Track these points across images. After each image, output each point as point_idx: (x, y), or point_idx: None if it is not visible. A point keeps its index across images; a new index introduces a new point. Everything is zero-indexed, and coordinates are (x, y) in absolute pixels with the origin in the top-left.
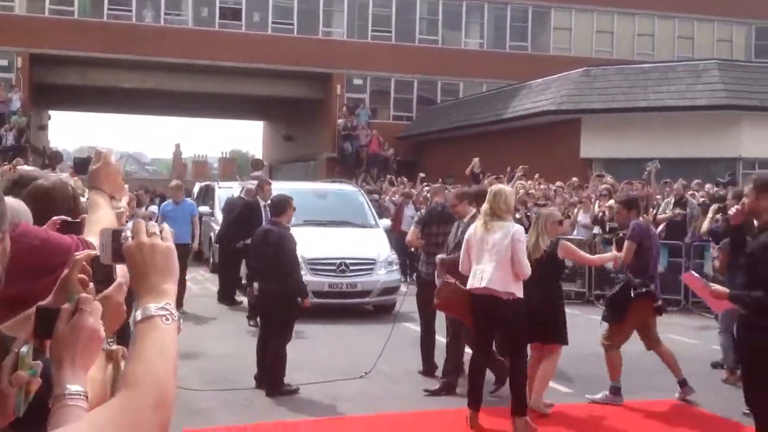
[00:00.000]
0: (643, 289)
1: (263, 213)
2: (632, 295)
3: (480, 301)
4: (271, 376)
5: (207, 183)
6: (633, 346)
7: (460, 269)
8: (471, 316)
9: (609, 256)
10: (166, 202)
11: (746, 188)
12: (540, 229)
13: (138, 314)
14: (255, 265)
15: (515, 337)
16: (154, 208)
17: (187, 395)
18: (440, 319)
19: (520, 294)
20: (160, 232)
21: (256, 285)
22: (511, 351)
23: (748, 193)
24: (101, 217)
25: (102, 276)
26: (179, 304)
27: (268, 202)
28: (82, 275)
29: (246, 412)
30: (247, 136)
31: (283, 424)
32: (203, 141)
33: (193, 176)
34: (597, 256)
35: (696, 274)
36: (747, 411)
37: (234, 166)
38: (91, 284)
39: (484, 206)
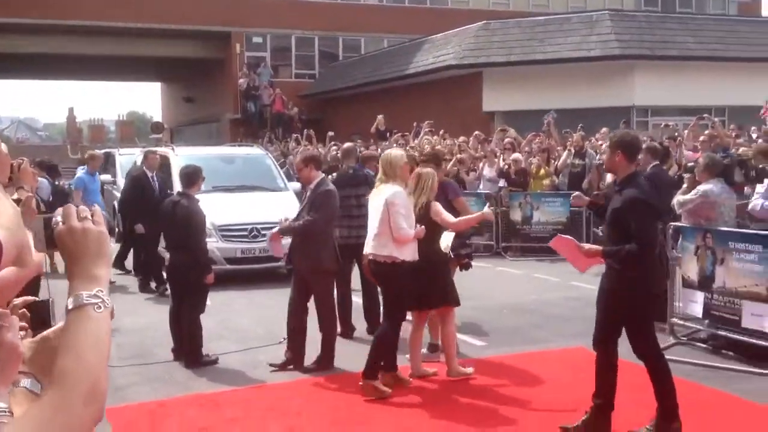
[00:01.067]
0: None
1: (152, 183)
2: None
3: (369, 265)
4: (188, 347)
5: (107, 150)
6: (541, 296)
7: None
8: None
9: (475, 217)
10: (81, 174)
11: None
12: (425, 189)
13: (69, 302)
14: (164, 236)
15: (387, 301)
16: (44, 182)
17: None
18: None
19: (402, 257)
20: (92, 215)
21: (167, 256)
22: (384, 315)
23: (606, 151)
24: (2, 209)
25: (40, 321)
26: None
27: (156, 172)
28: (23, 323)
29: (165, 386)
30: (145, 98)
31: (203, 397)
32: (99, 104)
33: (89, 141)
34: (463, 218)
35: (566, 237)
36: None
37: (132, 129)
38: (29, 330)
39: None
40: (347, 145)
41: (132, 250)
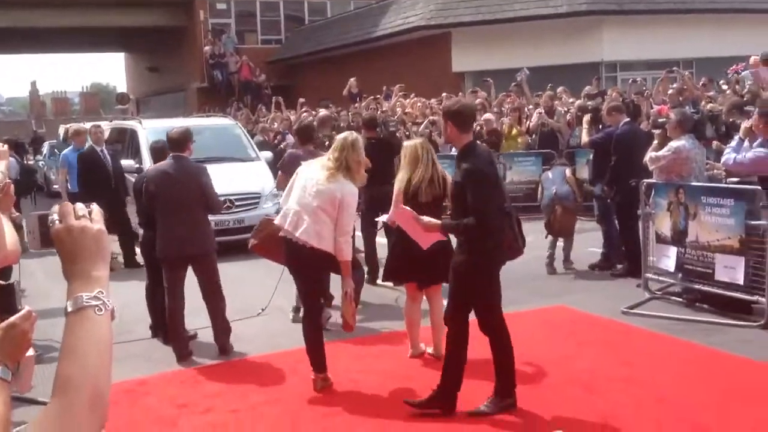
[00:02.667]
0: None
1: (104, 159)
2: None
3: (287, 242)
4: (166, 324)
5: (73, 125)
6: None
7: (281, 203)
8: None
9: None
10: (67, 150)
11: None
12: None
13: (69, 305)
14: (137, 212)
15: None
16: (11, 161)
17: None
18: None
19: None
20: (90, 213)
21: (140, 232)
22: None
23: (443, 122)
24: None
25: (5, 305)
26: None
27: (104, 146)
28: None
29: (145, 363)
30: (109, 68)
31: (183, 373)
32: (62, 76)
33: (53, 114)
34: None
35: (406, 208)
36: (625, 310)
37: (97, 100)
38: None
39: (331, 154)
40: (323, 113)
41: None
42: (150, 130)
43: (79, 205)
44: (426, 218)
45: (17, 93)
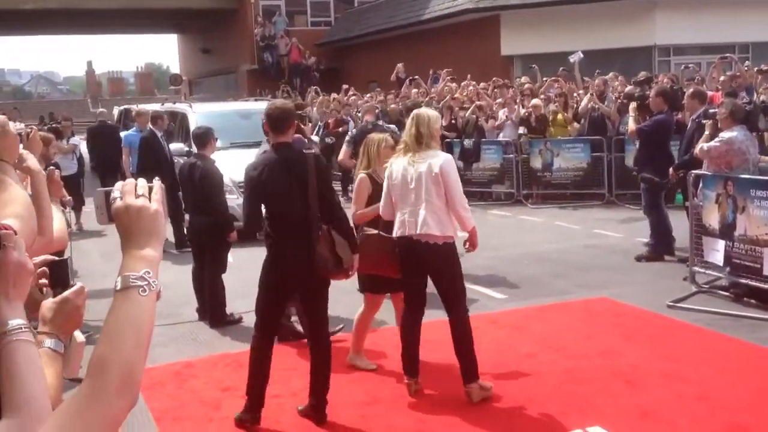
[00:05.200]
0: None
1: (164, 145)
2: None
3: (410, 248)
4: (212, 308)
5: (126, 107)
6: (562, 245)
7: (381, 215)
8: (398, 268)
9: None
10: (130, 131)
11: None
12: (372, 156)
13: (117, 282)
14: (184, 198)
15: (452, 287)
16: (75, 140)
17: None
18: None
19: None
20: (150, 191)
21: (187, 217)
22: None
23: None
24: (14, 195)
25: (59, 280)
26: None
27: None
28: (43, 280)
29: (191, 346)
30: (163, 49)
31: (228, 356)
32: (117, 57)
33: (109, 94)
34: (364, 211)
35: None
36: (670, 303)
37: (151, 81)
38: (49, 288)
39: (406, 134)
40: (366, 105)
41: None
42: (200, 114)
43: (141, 183)
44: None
45: (74, 72)
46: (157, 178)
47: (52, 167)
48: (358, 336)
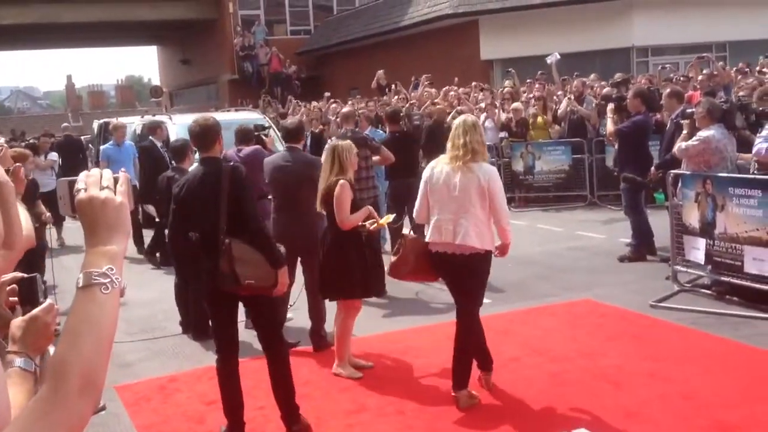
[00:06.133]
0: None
1: (165, 156)
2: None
3: (444, 257)
4: (195, 321)
5: (106, 120)
6: (546, 247)
7: (416, 218)
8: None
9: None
10: (107, 144)
11: None
12: (345, 163)
13: (79, 279)
14: (161, 212)
15: (474, 295)
16: (53, 156)
17: (115, 348)
18: None
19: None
20: (115, 183)
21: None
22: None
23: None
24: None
25: (27, 298)
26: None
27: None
28: (13, 298)
29: (175, 359)
30: (143, 61)
31: (212, 369)
32: (97, 70)
33: (90, 107)
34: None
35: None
36: (653, 303)
37: (132, 93)
38: (18, 306)
39: (453, 142)
40: (345, 109)
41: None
42: (180, 125)
43: (106, 174)
44: None
45: (54, 87)
46: (123, 169)
47: (17, 164)
48: (340, 344)
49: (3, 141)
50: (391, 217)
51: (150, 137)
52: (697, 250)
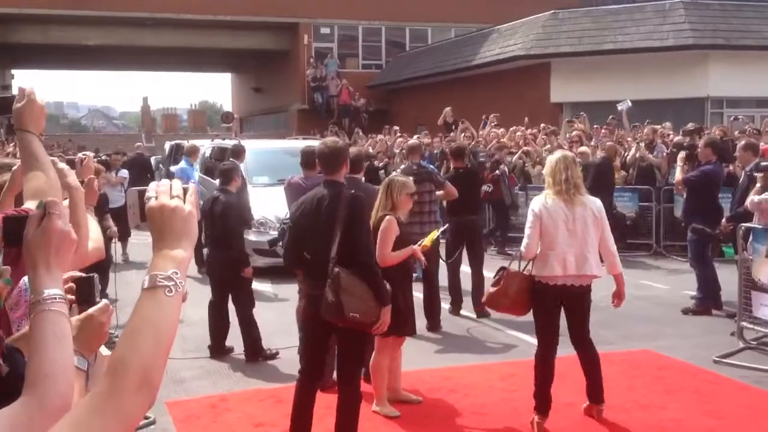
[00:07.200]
0: None
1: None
2: None
3: (563, 289)
4: (247, 342)
5: (177, 141)
6: (608, 294)
7: (526, 252)
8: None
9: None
10: (180, 164)
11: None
12: (397, 200)
13: (145, 281)
14: (205, 232)
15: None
16: (124, 173)
17: (168, 364)
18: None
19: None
20: (185, 193)
21: (205, 251)
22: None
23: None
24: (41, 171)
25: (84, 297)
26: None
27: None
28: (70, 296)
29: (227, 379)
30: (216, 87)
31: (263, 391)
32: (172, 94)
33: (163, 129)
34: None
35: None
36: (716, 359)
37: (204, 118)
38: (75, 305)
39: (555, 177)
40: (412, 142)
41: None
42: (249, 151)
43: (176, 184)
44: None
45: (130, 108)
46: (192, 180)
47: (92, 176)
48: (377, 383)
49: (92, 154)
50: (436, 233)
51: (231, 159)
52: (766, 307)
